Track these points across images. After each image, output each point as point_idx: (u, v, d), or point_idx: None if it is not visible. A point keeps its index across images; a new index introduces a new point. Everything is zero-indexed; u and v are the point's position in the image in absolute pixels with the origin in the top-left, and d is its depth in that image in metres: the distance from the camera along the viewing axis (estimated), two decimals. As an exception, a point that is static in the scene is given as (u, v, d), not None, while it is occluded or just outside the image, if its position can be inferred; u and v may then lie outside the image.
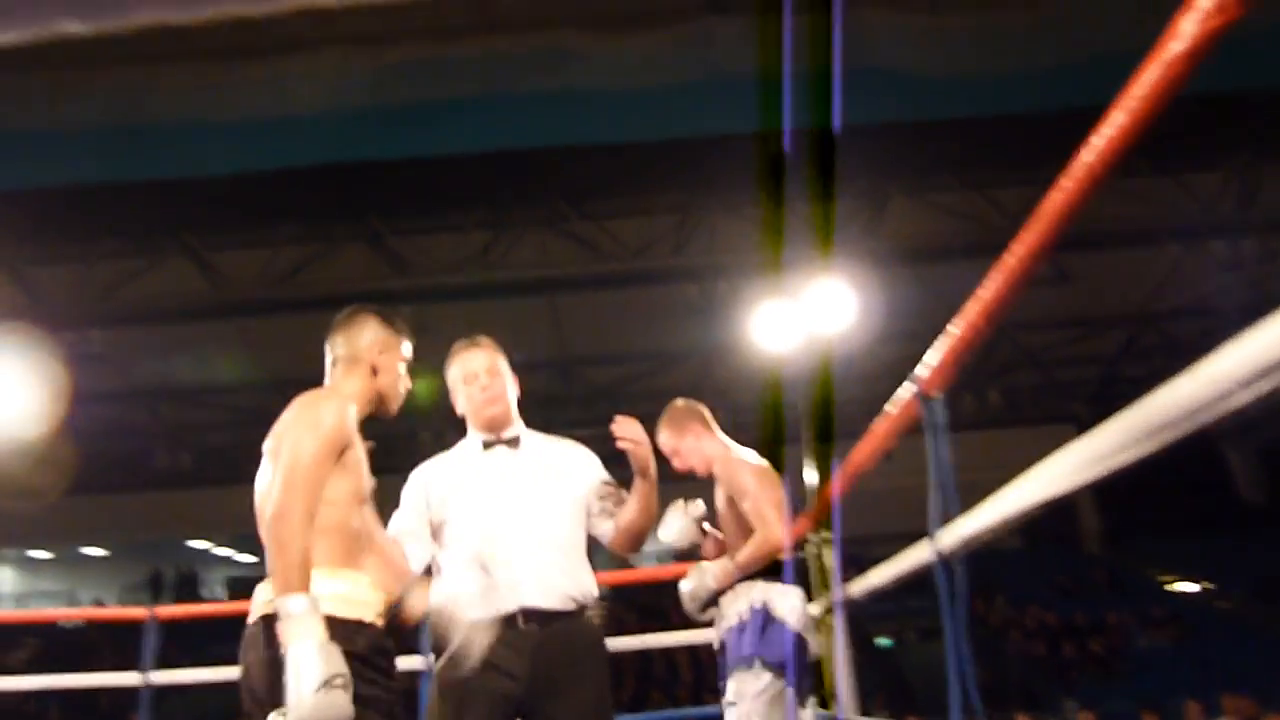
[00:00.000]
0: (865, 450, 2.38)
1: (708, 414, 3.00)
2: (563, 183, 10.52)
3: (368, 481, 1.90)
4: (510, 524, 2.21)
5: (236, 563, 20.42)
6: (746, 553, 2.74)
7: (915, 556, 2.07)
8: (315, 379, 2.01)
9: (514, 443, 2.35)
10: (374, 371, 1.98)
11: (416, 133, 9.00)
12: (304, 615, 1.62)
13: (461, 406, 2.38)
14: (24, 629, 14.41)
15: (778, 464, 2.96)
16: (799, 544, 3.06)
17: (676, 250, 11.00)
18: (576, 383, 14.84)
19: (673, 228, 10.98)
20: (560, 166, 9.93)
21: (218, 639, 7.64)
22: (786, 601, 2.73)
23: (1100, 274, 11.54)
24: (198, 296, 11.23)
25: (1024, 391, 15.06)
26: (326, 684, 1.56)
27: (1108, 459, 1.23)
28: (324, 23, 8.01)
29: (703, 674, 11.45)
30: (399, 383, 2.03)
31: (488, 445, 2.35)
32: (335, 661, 1.60)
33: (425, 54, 8.68)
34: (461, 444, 2.41)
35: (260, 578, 1.80)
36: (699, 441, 2.93)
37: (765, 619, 2.68)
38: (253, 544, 20.00)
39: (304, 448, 1.76)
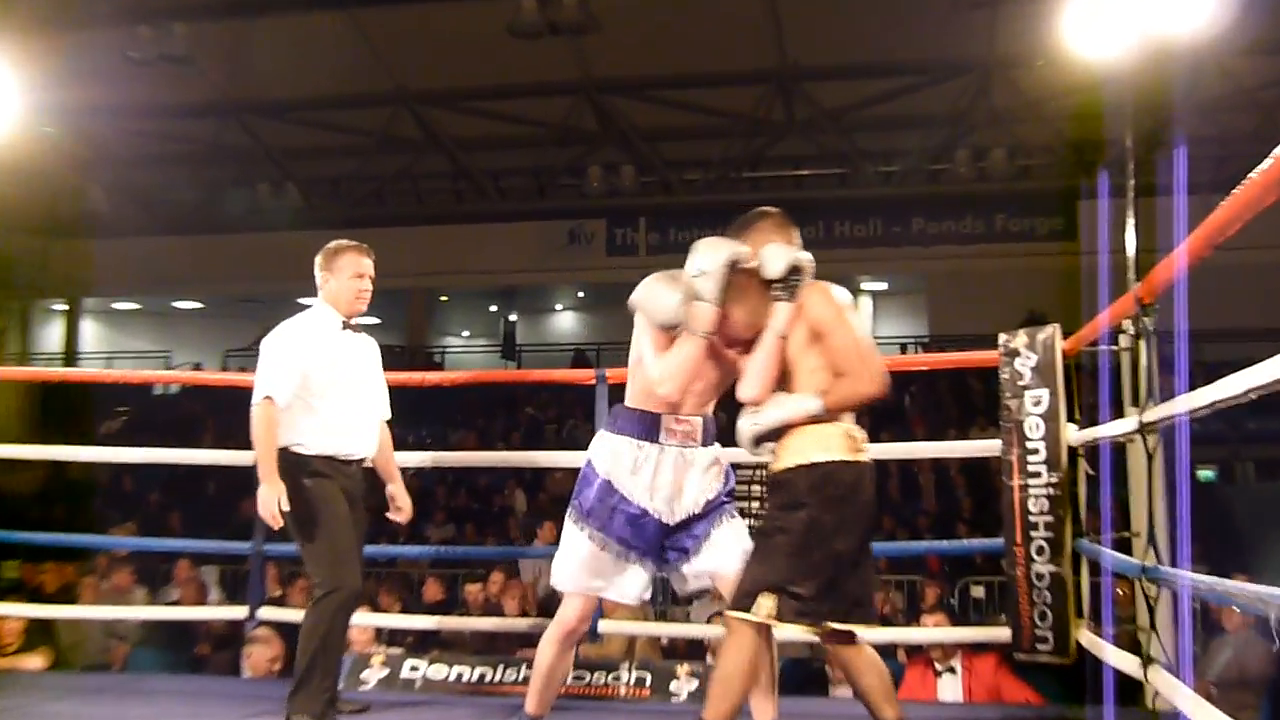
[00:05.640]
0: (1232, 208, 2.22)
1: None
2: None
3: None
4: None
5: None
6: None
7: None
8: (440, 90, 2.01)
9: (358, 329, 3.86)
10: None
11: None
12: None
13: (334, 290, 3.77)
14: (116, 395, 15.62)
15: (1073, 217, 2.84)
16: (1113, 333, 2.96)
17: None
18: (800, 105, 14.45)
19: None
20: None
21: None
22: None
23: None
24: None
25: None
26: None
27: None
28: None
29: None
30: None
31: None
32: None
33: None
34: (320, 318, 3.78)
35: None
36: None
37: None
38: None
39: None
